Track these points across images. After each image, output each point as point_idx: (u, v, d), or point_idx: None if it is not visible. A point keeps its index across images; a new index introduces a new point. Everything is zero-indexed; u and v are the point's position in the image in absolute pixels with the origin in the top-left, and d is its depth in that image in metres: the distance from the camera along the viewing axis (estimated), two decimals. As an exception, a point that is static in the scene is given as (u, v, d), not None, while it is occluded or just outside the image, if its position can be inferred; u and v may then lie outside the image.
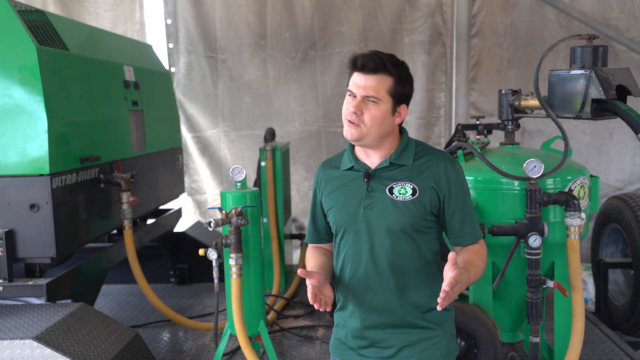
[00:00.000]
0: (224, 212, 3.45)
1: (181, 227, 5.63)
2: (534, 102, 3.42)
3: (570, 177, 3.15)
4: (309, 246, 2.27)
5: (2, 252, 3.25)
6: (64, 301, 3.40)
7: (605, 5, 6.41)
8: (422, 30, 6.60)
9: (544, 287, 3.14)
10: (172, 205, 5.65)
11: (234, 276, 3.46)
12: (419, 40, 6.61)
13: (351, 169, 2.09)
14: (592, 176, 3.33)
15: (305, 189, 6.79)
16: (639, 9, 6.38)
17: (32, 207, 3.29)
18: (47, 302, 3.29)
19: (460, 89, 6.65)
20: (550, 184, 3.12)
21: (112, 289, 5.30)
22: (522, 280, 3.14)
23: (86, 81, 3.85)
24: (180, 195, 5.64)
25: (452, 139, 4.23)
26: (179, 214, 5.64)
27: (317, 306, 1.90)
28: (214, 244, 3.47)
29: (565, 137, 3.11)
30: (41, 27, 3.52)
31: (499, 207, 3.13)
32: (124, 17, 6.69)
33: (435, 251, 2.08)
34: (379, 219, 2.01)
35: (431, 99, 6.72)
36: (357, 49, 6.58)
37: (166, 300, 4.94)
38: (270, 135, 5.03)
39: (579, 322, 3.10)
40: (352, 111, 1.97)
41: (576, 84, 3.06)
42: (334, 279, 2.16)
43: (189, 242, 5.45)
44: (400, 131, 2.09)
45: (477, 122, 4.14)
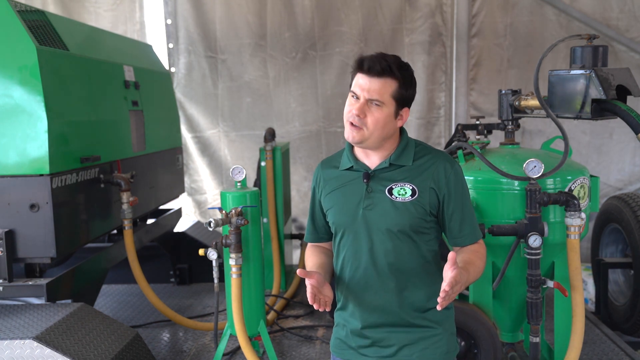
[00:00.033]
0: (224, 212, 3.45)
1: (181, 227, 5.63)
2: (534, 102, 3.41)
3: (570, 177, 3.15)
4: (308, 245, 2.27)
5: (2, 252, 3.25)
6: (64, 301, 3.40)
7: (605, 5, 6.40)
8: (422, 30, 6.59)
9: (544, 287, 3.14)
10: (172, 205, 5.65)
11: (234, 276, 3.46)
12: (419, 40, 6.60)
13: (350, 169, 2.08)
14: (592, 176, 3.33)
15: (305, 189, 6.78)
16: (639, 9, 6.37)
17: (32, 207, 3.29)
18: (47, 302, 3.29)
19: (460, 89, 6.65)
20: (550, 184, 3.12)
21: (112, 289, 5.30)
22: (522, 280, 3.14)
23: (86, 81, 3.85)
24: (180, 195, 5.64)
25: (452, 139, 4.23)
26: (179, 214, 5.64)
27: (316, 306, 1.90)
28: (214, 244, 3.47)
29: (565, 137, 3.11)
30: (41, 27, 3.52)
31: (499, 207, 3.13)
32: (124, 17, 6.69)
33: (434, 251, 2.08)
34: (378, 220, 2.00)
35: (431, 99, 6.71)
36: (357, 49, 6.60)
37: (166, 300, 4.94)
38: (270, 135, 5.02)
39: (579, 322, 3.09)
40: (355, 114, 1.95)
41: (576, 84, 3.06)
42: (334, 277, 2.16)
43: (189, 242, 5.45)
44: (400, 131, 2.08)
45: (477, 122, 4.13)
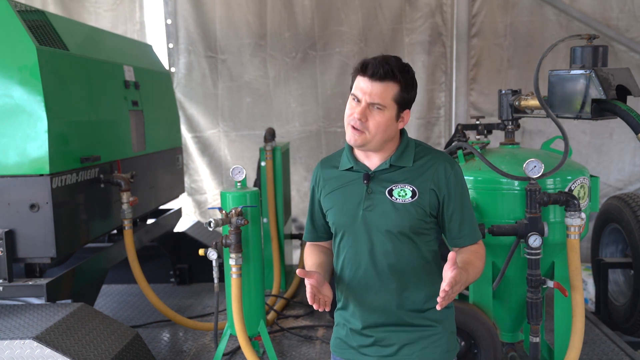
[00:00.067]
0: (224, 212, 3.45)
1: (181, 227, 5.63)
2: (534, 102, 3.41)
3: (570, 177, 3.15)
4: (307, 244, 2.26)
5: (2, 252, 3.25)
6: (64, 301, 3.40)
7: (605, 5, 6.40)
8: (422, 30, 6.59)
9: (544, 287, 3.14)
10: (172, 205, 5.65)
11: (234, 276, 3.46)
12: (419, 40, 6.60)
13: (350, 169, 2.08)
14: (592, 176, 3.33)
15: (305, 189, 6.78)
16: (639, 9, 6.37)
17: (32, 207, 3.29)
18: (47, 302, 3.29)
19: (460, 89, 6.65)
20: (550, 184, 3.12)
21: (112, 289, 5.30)
22: (522, 280, 3.14)
23: (86, 81, 3.85)
24: (180, 195, 5.64)
25: (452, 139, 4.23)
26: (179, 214, 5.64)
27: (316, 306, 1.90)
28: (214, 244, 3.47)
29: (565, 137, 3.11)
30: (41, 27, 3.52)
31: (499, 207, 3.13)
32: (124, 17, 6.69)
33: (434, 251, 2.08)
34: (378, 221, 2.00)
35: (431, 99, 6.71)
36: (357, 49, 6.60)
37: (166, 300, 4.94)
38: (270, 135, 5.02)
39: (579, 322, 3.09)
40: (357, 118, 1.94)
41: (576, 84, 3.06)
42: (334, 277, 2.16)
43: (189, 242, 5.45)
44: (400, 132, 2.07)
45: (477, 122, 4.14)
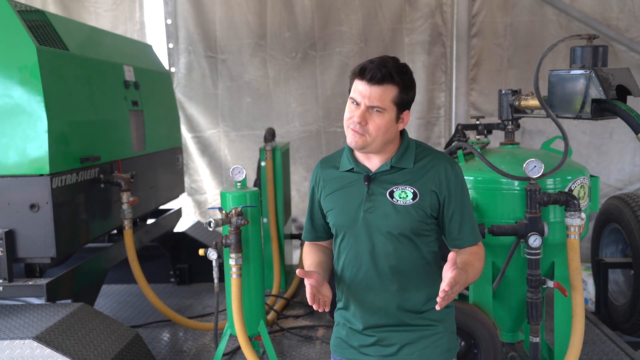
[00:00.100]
0: (224, 212, 3.45)
1: (181, 227, 5.63)
2: (534, 102, 3.41)
3: (570, 177, 3.15)
4: (306, 243, 2.26)
5: (2, 252, 3.25)
6: (64, 301, 3.40)
7: (605, 5, 6.40)
8: (422, 30, 6.59)
9: (544, 287, 3.14)
10: (172, 205, 5.65)
11: (234, 276, 3.46)
12: (419, 40, 6.60)
13: (351, 170, 2.07)
14: (592, 176, 3.33)
15: (305, 189, 6.78)
16: (639, 9, 6.37)
17: (32, 207, 3.29)
18: (47, 302, 3.29)
19: (460, 89, 6.65)
20: (550, 184, 3.12)
21: (112, 289, 5.30)
22: (522, 280, 3.14)
23: (86, 81, 3.85)
24: (180, 195, 5.64)
25: (452, 139, 4.23)
26: (179, 214, 5.64)
27: (315, 307, 1.90)
28: (214, 244, 3.47)
29: (565, 137, 3.11)
30: (41, 27, 3.52)
31: (499, 207, 3.13)
32: (124, 17, 6.69)
33: (434, 252, 2.08)
34: (379, 223, 2.00)
35: (431, 99, 6.71)
36: (357, 48, 6.60)
37: (166, 300, 4.94)
38: (270, 135, 5.02)
39: (579, 322, 3.09)
40: (357, 121, 1.94)
41: (576, 84, 3.06)
42: (334, 276, 2.16)
43: (189, 242, 5.45)
44: (400, 133, 2.07)
45: (477, 122, 4.13)
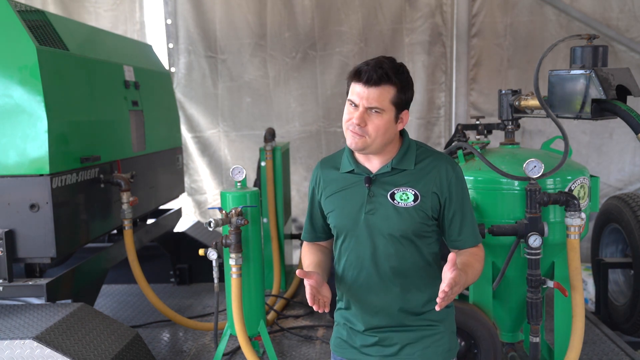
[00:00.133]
0: (224, 212, 3.45)
1: (181, 227, 5.63)
2: (534, 102, 3.41)
3: (570, 177, 3.15)
4: (305, 243, 2.26)
5: (2, 252, 3.25)
6: (64, 301, 3.40)
7: (605, 5, 6.40)
8: (422, 30, 6.59)
9: (544, 287, 3.14)
10: (172, 205, 5.65)
11: (234, 276, 3.46)
12: (419, 40, 6.60)
13: (351, 172, 2.07)
14: (592, 176, 3.33)
15: (305, 189, 6.78)
16: (639, 9, 6.37)
17: (32, 207, 3.29)
18: (47, 302, 3.29)
19: (460, 89, 6.65)
20: (550, 184, 3.12)
21: (112, 289, 5.30)
22: (522, 280, 3.14)
23: (86, 81, 3.85)
24: (180, 195, 5.64)
25: (452, 139, 4.23)
26: (179, 214, 5.64)
27: (315, 308, 1.90)
28: (214, 244, 3.47)
29: (565, 137, 3.11)
30: (41, 27, 3.52)
31: (499, 207, 3.13)
32: (124, 17, 6.69)
33: (435, 253, 2.08)
34: (380, 225, 2.00)
35: (431, 99, 6.71)
36: (357, 49, 6.60)
37: (166, 300, 4.94)
38: (270, 135, 5.02)
39: (579, 322, 3.09)
40: (356, 123, 1.94)
41: (576, 84, 3.06)
42: (335, 277, 2.16)
43: (189, 242, 5.45)
44: (400, 133, 2.07)
45: (477, 122, 4.14)
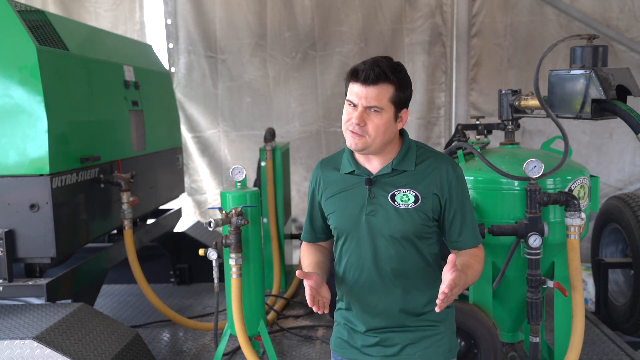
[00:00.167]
0: (224, 212, 3.45)
1: (181, 227, 5.63)
2: (534, 102, 3.41)
3: (570, 177, 3.15)
4: (304, 243, 2.26)
5: (2, 252, 3.25)
6: (64, 301, 3.40)
7: (605, 5, 6.40)
8: (422, 30, 6.59)
9: (544, 287, 3.14)
10: (172, 205, 5.65)
11: (234, 276, 3.46)
12: (419, 40, 6.60)
13: (352, 173, 2.06)
14: (592, 176, 3.33)
15: (305, 189, 6.77)
16: (639, 9, 6.37)
17: (32, 207, 3.29)
18: (47, 302, 3.29)
19: (460, 89, 6.65)
20: (550, 184, 3.12)
21: (112, 289, 5.30)
22: (522, 280, 3.14)
23: (86, 81, 3.85)
24: (180, 195, 5.64)
25: (452, 139, 4.23)
26: (179, 214, 5.64)
27: (315, 309, 1.90)
28: (214, 244, 3.47)
29: (565, 137, 3.11)
30: (41, 27, 3.52)
31: (499, 207, 3.13)
32: (124, 17, 6.69)
33: (435, 254, 2.08)
34: (381, 226, 2.00)
35: (431, 99, 6.71)
36: (357, 49, 6.60)
37: (166, 300, 4.94)
38: (270, 135, 5.02)
39: (579, 322, 3.10)
40: (355, 123, 1.93)
41: (576, 84, 3.06)
42: (335, 278, 2.16)
43: (189, 242, 5.45)
44: (400, 133, 2.07)
45: (477, 122, 4.14)
